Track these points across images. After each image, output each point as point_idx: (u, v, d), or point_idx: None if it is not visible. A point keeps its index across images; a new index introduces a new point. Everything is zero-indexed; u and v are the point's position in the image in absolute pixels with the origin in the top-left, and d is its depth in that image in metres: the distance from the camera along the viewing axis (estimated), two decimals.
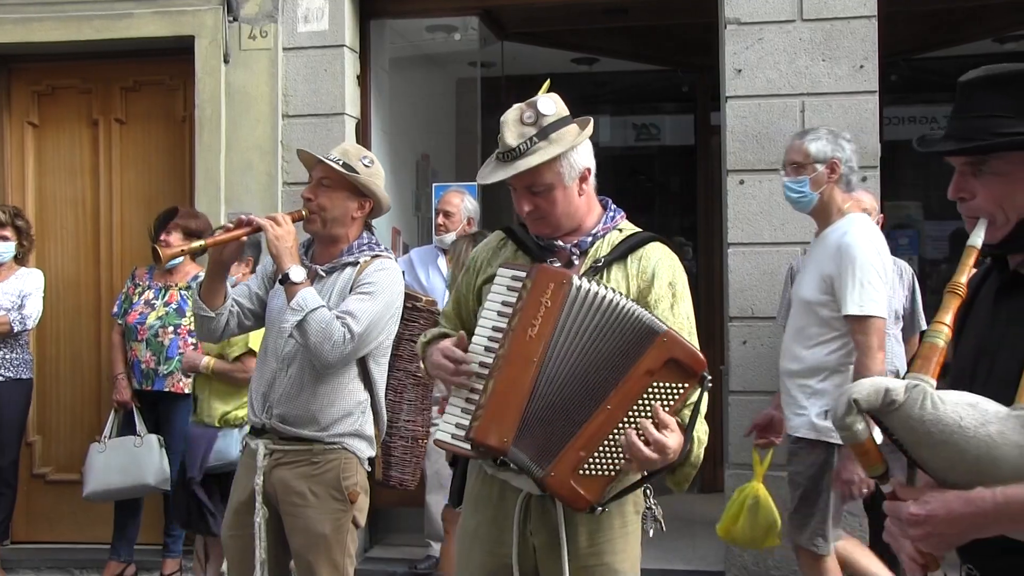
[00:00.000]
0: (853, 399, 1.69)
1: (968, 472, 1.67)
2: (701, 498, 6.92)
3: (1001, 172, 1.85)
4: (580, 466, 2.30)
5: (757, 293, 5.32)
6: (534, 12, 6.46)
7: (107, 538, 5.59)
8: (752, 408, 5.30)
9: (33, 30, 5.93)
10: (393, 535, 6.22)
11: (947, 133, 1.94)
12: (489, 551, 2.62)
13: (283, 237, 3.30)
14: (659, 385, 2.29)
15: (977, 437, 1.65)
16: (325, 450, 3.34)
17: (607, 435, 2.30)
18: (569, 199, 2.58)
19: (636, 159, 9.19)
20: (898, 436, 1.72)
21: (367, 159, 3.46)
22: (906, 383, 1.70)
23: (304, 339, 3.21)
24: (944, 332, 1.77)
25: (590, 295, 2.36)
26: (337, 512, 3.35)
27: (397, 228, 6.60)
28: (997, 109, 1.86)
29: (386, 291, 3.34)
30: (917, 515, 1.69)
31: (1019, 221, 1.86)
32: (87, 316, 6.17)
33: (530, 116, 2.53)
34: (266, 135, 5.72)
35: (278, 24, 5.76)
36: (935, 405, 1.67)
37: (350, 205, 3.42)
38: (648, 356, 2.29)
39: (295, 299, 3.21)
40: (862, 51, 5.26)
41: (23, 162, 6.23)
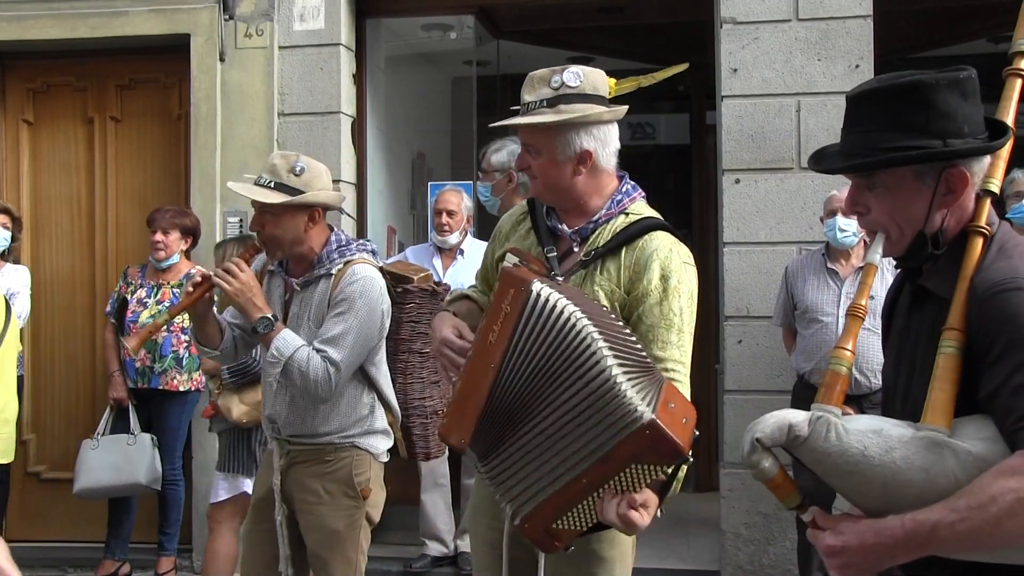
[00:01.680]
0: (756, 439, 1.72)
1: (877, 499, 1.70)
2: (696, 497, 6.93)
3: (891, 186, 1.85)
4: (554, 522, 2.27)
5: (752, 292, 5.32)
6: (529, 11, 6.46)
7: (101, 536, 5.58)
8: (747, 407, 5.32)
9: (28, 27, 5.92)
10: (388, 533, 6.20)
11: (839, 148, 1.94)
12: (488, 524, 2.68)
13: (241, 290, 3.23)
14: (637, 468, 2.16)
15: (883, 465, 1.67)
16: (337, 448, 3.37)
17: (581, 502, 2.23)
18: (559, 175, 2.54)
19: (631, 158, 9.06)
20: (810, 467, 1.75)
21: (298, 165, 3.31)
22: (810, 416, 1.73)
23: (291, 384, 3.24)
24: (847, 358, 1.81)
25: (547, 308, 2.22)
26: (350, 509, 3.39)
27: (392, 227, 6.59)
28: (881, 124, 1.84)
29: (362, 303, 3.27)
30: (833, 546, 1.72)
31: (915, 234, 1.85)
32: (82, 314, 6.16)
33: (556, 81, 2.50)
34: (262, 134, 5.72)
35: (274, 22, 5.76)
36: (839, 436, 1.70)
37: (299, 221, 3.31)
38: (627, 444, 2.12)
39: (271, 350, 3.22)
40: (857, 51, 5.27)
41: (18, 160, 6.22)
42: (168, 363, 5.26)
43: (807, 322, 4.82)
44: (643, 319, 2.48)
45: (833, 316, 4.74)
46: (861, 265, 4.76)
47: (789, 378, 5.01)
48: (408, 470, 5.69)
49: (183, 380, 5.33)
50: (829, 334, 4.72)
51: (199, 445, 5.68)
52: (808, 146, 5.29)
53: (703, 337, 7.25)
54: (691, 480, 7.36)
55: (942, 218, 1.85)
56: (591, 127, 2.52)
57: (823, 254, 4.86)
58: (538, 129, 2.51)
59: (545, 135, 2.51)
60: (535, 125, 2.49)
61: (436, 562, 5.59)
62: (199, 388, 5.41)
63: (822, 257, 4.85)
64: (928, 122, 1.81)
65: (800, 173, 5.30)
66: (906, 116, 1.82)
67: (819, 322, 4.77)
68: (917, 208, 1.84)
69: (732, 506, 5.34)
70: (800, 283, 4.87)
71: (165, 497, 5.44)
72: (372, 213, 6.13)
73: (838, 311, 4.73)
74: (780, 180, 5.31)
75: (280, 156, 3.38)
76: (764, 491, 5.36)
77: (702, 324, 7.89)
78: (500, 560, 2.63)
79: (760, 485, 1.86)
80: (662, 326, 2.48)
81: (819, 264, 4.85)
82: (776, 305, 5.08)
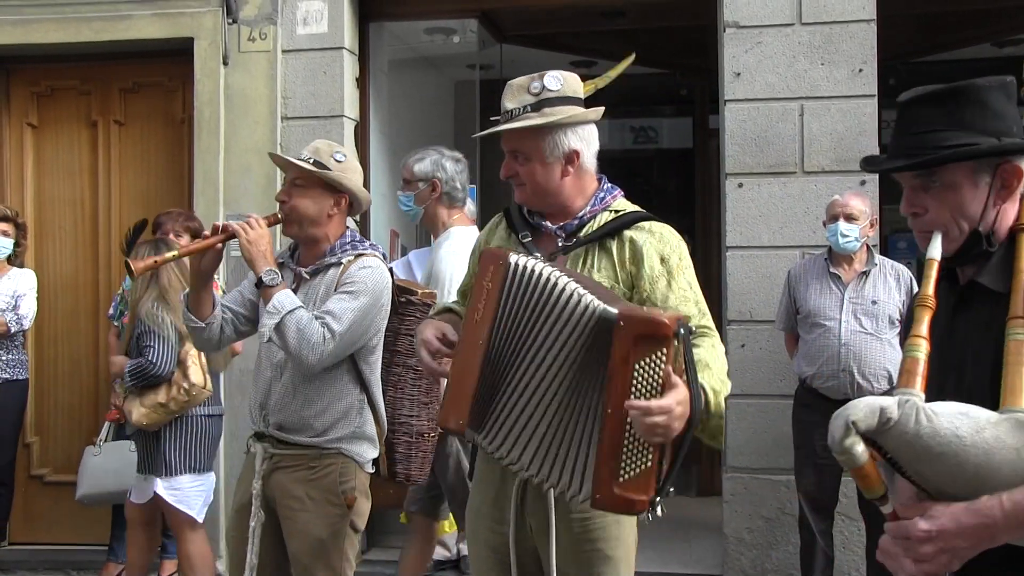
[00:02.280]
0: (852, 421, 1.67)
1: (969, 482, 1.66)
2: (698, 501, 6.93)
3: (950, 183, 1.90)
4: (617, 475, 2.24)
5: (755, 296, 5.32)
6: (532, 15, 6.47)
7: (105, 539, 5.59)
8: (750, 412, 5.31)
9: (32, 31, 5.93)
10: (391, 537, 6.21)
11: (892, 152, 1.98)
12: (490, 528, 2.67)
13: (255, 241, 3.25)
14: (641, 365, 2.21)
15: (975, 445, 1.65)
16: (322, 455, 3.32)
17: (623, 434, 2.23)
18: (548, 176, 2.58)
19: (634, 162, 9.18)
20: (894, 454, 1.71)
21: (340, 154, 3.39)
22: (897, 399, 1.69)
23: (283, 342, 3.18)
24: (923, 345, 1.79)
25: (527, 272, 2.35)
26: (334, 517, 3.33)
27: (395, 230, 6.60)
28: (938, 124, 1.90)
29: (369, 289, 3.29)
30: (929, 531, 1.67)
31: (971, 231, 1.90)
32: (85, 317, 6.16)
33: (536, 87, 2.56)
34: (265, 137, 5.72)
35: (277, 26, 5.76)
36: (929, 419, 1.67)
37: (325, 203, 3.35)
38: (616, 345, 2.21)
39: (271, 302, 3.18)
40: (861, 55, 5.27)
41: (22, 163, 6.23)
42: None
43: (809, 326, 4.82)
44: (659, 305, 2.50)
45: (835, 320, 4.73)
46: (864, 270, 4.78)
47: (792, 382, 5.01)
48: None
49: None
50: (831, 338, 4.72)
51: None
52: (811, 150, 5.29)
53: None
54: (693, 484, 7.36)
55: (995, 216, 1.91)
56: (576, 127, 2.60)
57: (826, 258, 4.86)
58: (526, 133, 2.55)
59: (533, 138, 2.56)
60: (525, 128, 2.53)
61: (439, 565, 5.58)
62: None
63: (825, 262, 4.85)
64: (983, 121, 1.88)
65: (803, 177, 5.30)
66: (962, 116, 1.89)
67: (821, 326, 4.76)
68: (974, 205, 1.89)
69: (735, 510, 5.33)
70: (803, 287, 4.86)
71: None
72: (375, 217, 6.14)
73: (840, 315, 4.73)
74: (783, 184, 5.31)
75: (325, 142, 3.45)
76: (767, 495, 5.35)
77: None
78: (503, 564, 2.62)
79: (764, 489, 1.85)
80: (680, 303, 2.52)
81: (822, 268, 4.85)
82: (778, 309, 5.07)
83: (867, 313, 4.72)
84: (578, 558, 2.58)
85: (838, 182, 5.22)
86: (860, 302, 4.74)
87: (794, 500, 4.97)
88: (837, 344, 4.71)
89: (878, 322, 4.72)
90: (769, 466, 5.27)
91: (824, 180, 5.27)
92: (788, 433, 4.98)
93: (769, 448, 5.26)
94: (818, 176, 5.29)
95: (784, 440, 5.05)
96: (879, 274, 4.80)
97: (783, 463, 5.12)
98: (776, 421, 5.21)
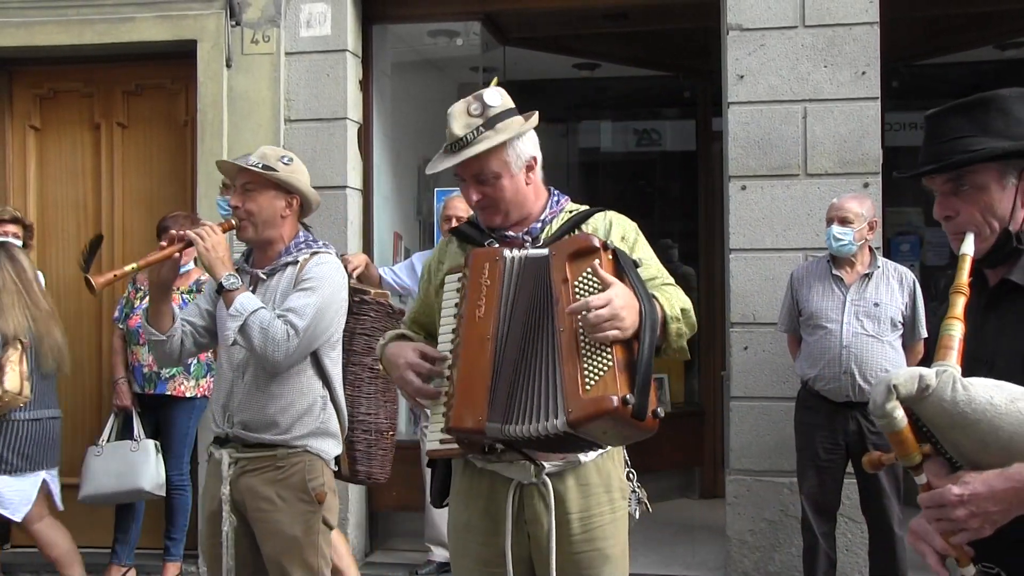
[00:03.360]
0: (893, 385, 1.73)
1: (1002, 450, 1.73)
2: (701, 504, 6.93)
3: (979, 185, 2.00)
4: (583, 384, 2.23)
5: (759, 299, 5.32)
6: (536, 17, 6.46)
7: (107, 542, 5.58)
8: (753, 414, 5.31)
9: (35, 33, 5.94)
10: (393, 539, 6.22)
11: (922, 160, 2.08)
12: (483, 542, 2.64)
13: (213, 247, 3.31)
14: (579, 281, 2.34)
15: (1009, 413, 1.72)
16: (289, 454, 3.35)
17: (577, 345, 2.27)
18: (516, 187, 2.64)
19: (637, 164, 9.18)
20: (930, 422, 1.77)
21: (286, 158, 3.47)
22: (935, 369, 1.76)
23: (249, 343, 3.23)
24: (958, 326, 1.85)
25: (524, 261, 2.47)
26: (306, 514, 3.37)
27: (399, 232, 6.60)
28: (965, 131, 2.01)
29: (327, 284, 3.35)
30: (961, 495, 1.73)
31: (1002, 231, 2.00)
32: (88, 320, 6.17)
33: (476, 108, 2.61)
34: (268, 140, 5.72)
35: (280, 29, 5.77)
36: (965, 388, 1.73)
37: (277, 205, 3.42)
38: (553, 272, 2.37)
39: (233, 305, 3.24)
40: (864, 57, 5.27)
41: (25, 165, 6.23)
42: (176, 369, 5.27)
43: (812, 328, 4.82)
44: None
45: (837, 323, 4.73)
46: (866, 272, 4.77)
47: (795, 384, 5.00)
48: (414, 478, 5.70)
49: (190, 386, 5.35)
50: (834, 340, 4.71)
51: (204, 450, 5.67)
52: (814, 153, 5.29)
53: (709, 344, 7.29)
54: (696, 487, 7.36)
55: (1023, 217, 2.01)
56: (527, 135, 2.66)
57: (828, 261, 4.85)
58: (493, 153, 2.59)
59: (499, 156, 2.60)
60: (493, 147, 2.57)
61: (442, 567, 5.58)
62: (206, 395, 5.42)
63: (827, 264, 4.85)
64: (1007, 127, 1.99)
65: (806, 180, 5.30)
66: (987, 123, 2.00)
67: (824, 328, 4.76)
68: (1003, 205, 2.00)
69: (738, 513, 5.33)
70: (805, 290, 4.86)
71: (172, 503, 5.45)
72: (378, 219, 6.14)
73: (843, 317, 4.73)
74: (786, 187, 5.31)
75: (270, 147, 3.53)
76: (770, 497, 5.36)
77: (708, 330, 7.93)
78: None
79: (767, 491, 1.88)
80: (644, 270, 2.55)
81: (824, 271, 4.85)
82: (781, 311, 5.07)
83: (869, 315, 4.72)
84: (579, 560, 2.59)
85: (841, 184, 5.22)
86: (862, 304, 4.74)
87: (797, 502, 4.96)
88: (838, 346, 4.71)
89: (880, 324, 4.72)
90: (772, 468, 5.27)
91: (827, 182, 5.27)
92: (791, 435, 4.98)
93: (772, 450, 5.26)
94: (821, 179, 5.28)
95: (787, 442, 5.04)
96: (882, 276, 4.79)
97: (786, 465, 5.12)
98: (779, 423, 5.21)
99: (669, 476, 6.99)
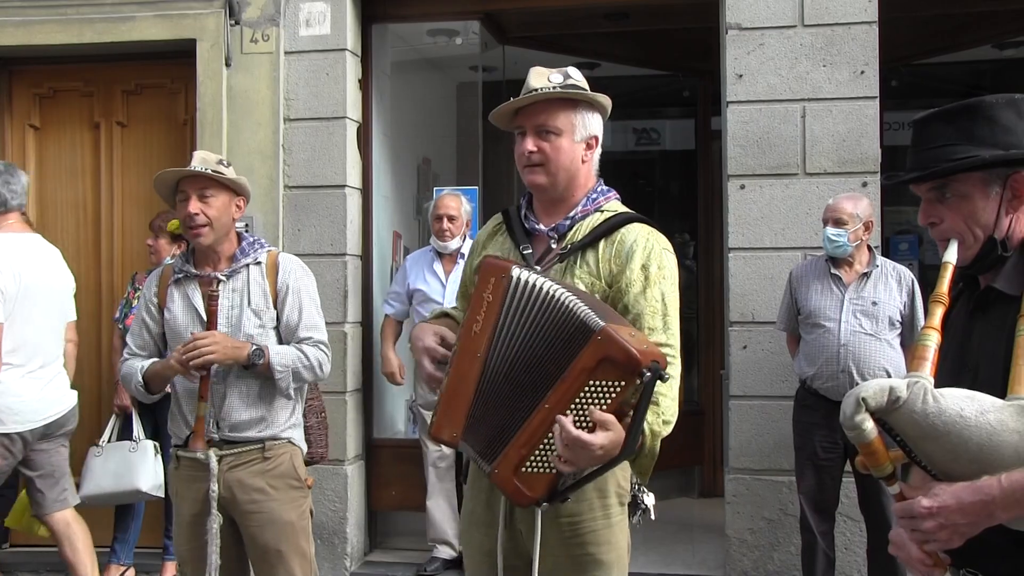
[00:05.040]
0: (862, 398, 1.76)
1: (971, 461, 1.75)
2: (700, 503, 6.94)
3: (962, 193, 2.01)
4: (522, 464, 2.31)
5: (758, 298, 5.32)
6: (535, 16, 6.46)
7: (106, 541, 5.58)
8: (752, 413, 5.31)
9: (34, 33, 5.94)
10: (393, 539, 6.22)
11: (909, 166, 2.09)
12: (484, 532, 2.66)
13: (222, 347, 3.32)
14: (595, 384, 2.23)
15: (978, 426, 1.74)
16: (275, 445, 3.46)
17: (546, 434, 2.27)
18: (573, 156, 2.61)
19: (637, 163, 9.18)
20: (902, 433, 1.79)
21: (224, 161, 3.53)
22: (907, 380, 1.78)
23: (302, 382, 3.47)
24: (934, 336, 1.87)
25: (528, 287, 2.35)
26: (298, 500, 3.50)
27: (398, 232, 6.61)
28: (950, 139, 2.02)
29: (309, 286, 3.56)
30: (930, 507, 1.77)
31: (987, 239, 2.00)
32: (88, 319, 6.15)
33: (558, 77, 2.62)
34: (267, 139, 5.72)
35: (280, 28, 5.77)
36: (936, 399, 1.76)
37: (230, 208, 3.50)
38: (584, 355, 2.23)
39: (273, 368, 3.37)
40: (863, 56, 5.27)
41: (24, 165, 6.22)
42: None
43: (810, 327, 4.83)
44: (629, 309, 2.52)
45: (836, 321, 4.74)
46: (865, 271, 4.78)
47: (794, 383, 5.01)
48: (414, 477, 5.71)
49: None
50: (832, 339, 4.72)
51: None
52: (813, 152, 5.30)
53: (708, 342, 7.30)
54: (695, 486, 7.37)
55: (1008, 224, 2.01)
56: (597, 114, 2.66)
57: (827, 260, 4.86)
58: (561, 105, 2.59)
59: (565, 113, 2.60)
60: (564, 99, 2.57)
61: (447, 565, 5.59)
62: None
63: (826, 263, 4.85)
64: (993, 135, 2.00)
65: (805, 179, 5.30)
66: (973, 130, 2.01)
67: (822, 327, 4.77)
68: (987, 214, 2.00)
69: (737, 512, 5.33)
70: (804, 288, 4.87)
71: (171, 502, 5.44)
72: (378, 218, 6.14)
73: (841, 316, 4.73)
74: (785, 186, 5.32)
75: (204, 152, 3.58)
76: (769, 497, 5.37)
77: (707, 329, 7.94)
78: (496, 567, 2.61)
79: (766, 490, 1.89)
80: (647, 313, 2.52)
81: (823, 270, 4.85)
82: (780, 310, 5.08)
83: (867, 314, 4.73)
84: (568, 563, 2.56)
85: (840, 184, 5.22)
86: (860, 303, 4.74)
87: (796, 501, 4.97)
88: (836, 344, 4.71)
89: (878, 323, 4.73)
90: (771, 467, 5.27)
91: (826, 182, 5.27)
92: (790, 434, 4.98)
93: (771, 449, 5.26)
94: (820, 178, 5.29)
95: (786, 441, 5.05)
96: (880, 275, 4.80)
97: (785, 464, 5.12)
98: (778, 422, 5.21)
99: (668, 475, 6.99)
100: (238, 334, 3.40)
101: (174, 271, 3.52)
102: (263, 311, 3.45)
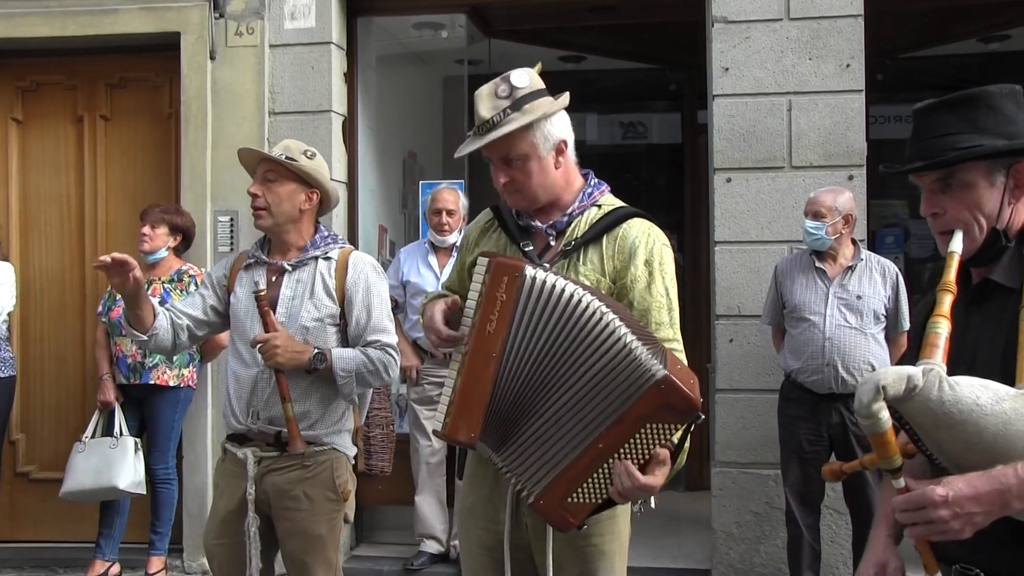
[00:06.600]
0: (882, 386, 1.72)
1: (986, 451, 1.73)
2: (687, 496, 6.94)
3: (967, 183, 1.99)
4: (568, 495, 2.35)
5: (744, 291, 5.33)
6: (521, 9, 6.46)
7: (91, 536, 5.56)
8: (738, 406, 5.32)
9: (17, 25, 5.90)
10: (379, 533, 6.21)
11: (910, 156, 2.07)
12: (485, 527, 2.66)
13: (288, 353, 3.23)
14: (652, 427, 2.29)
15: (994, 414, 1.71)
16: (316, 452, 3.33)
17: (596, 470, 2.33)
18: (545, 171, 2.59)
19: (623, 157, 9.18)
20: (914, 421, 1.77)
21: (309, 152, 3.44)
22: (922, 368, 1.75)
23: (367, 387, 3.41)
24: (944, 324, 1.85)
25: (546, 288, 2.34)
26: (332, 512, 3.37)
27: (384, 226, 6.59)
28: (954, 128, 2.00)
29: (380, 287, 3.43)
30: (945, 495, 1.72)
31: (991, 229, 1.98)
32: (71, 314, 6.13)
33: (504, 89, 2.55)
34: (252, 132, 5.70)
35: (264, 21, 5.74)
36: (951, 387, 1.73)
37: (298, 197, 3.38)
38: (643, 401, 2.27)
39: (336, 372, 3.27)
40: (848, 50, 5.27)
41: (7, 158, 6.19)
42: (159, 358, 5.25)
43: (795, 321, 4.83)
44: (635, 305, 2.54)
45: (821, 315, 4.75)
46: (850, 264, 4.79)
47: (780, 377, 5.02)
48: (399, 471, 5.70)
49: (173, 375, 5.31)
50: (817, 333, 4.73)
51: (189, 444, 5.67)
52: (799, 145, 5.30)
53: (695, 336, 7.30)
54: (682, 479, 7.37)
55: (1010, 214, 2.01)
56: (554, 117, 2.60)
57: (811, 253, 4.86)
58: (519, 134, 2.53)
59: (525, 138, 2.55)
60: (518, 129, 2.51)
61: (434, 559, 5.59)
62: (190, 385, 5.41)
63: (811, 256, 4.86)
64: (996, 125, 1.99)
65: (791, 172, 5.30)
66: (975, 120, 2.00)
67: (807, 321, 4.78)
68: (992, 203, 1.99)
69: (723, 505, 5.34)
70: (789, 282, 4.88)
71: (157, 497, 5.42)
72: (363, 212, 6.12)
73: (826, 310, 4.74)
74: (771, 179, 5.32)
75: (294, 141, 3.49)
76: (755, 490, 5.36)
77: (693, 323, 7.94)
78: (497, 562, 2.62)
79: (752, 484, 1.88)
80: (654, 308, 2.55)
81: (808, 263, 4.86)
82: (765, 304, 5.09)
83: (851, 308, 4.74)
84: (574, 554, 2.58)
85: (826, 177, 5.23)
86: (845, 297, 4.75)
87: (782, 494, 4.98)
88: (821, 338, 4.72)
89: (863, 317, 4.74)
90: (757, 461, 5.28)
91: (812, 175, 5.28)
92: (776, 427, 4.99)
93: (757, 443, 5.27)
94: (806, 171, 5.29)
95: (772, 435, 5.06)
96: (865, 269, 4.81)
97: (771, 458, 5.13)
98: (764, 416, 5.22)
99: None
100: (293, 325, 3.30)
101: (248, 256, 3.46)
102: (323, 305, 3.34)
